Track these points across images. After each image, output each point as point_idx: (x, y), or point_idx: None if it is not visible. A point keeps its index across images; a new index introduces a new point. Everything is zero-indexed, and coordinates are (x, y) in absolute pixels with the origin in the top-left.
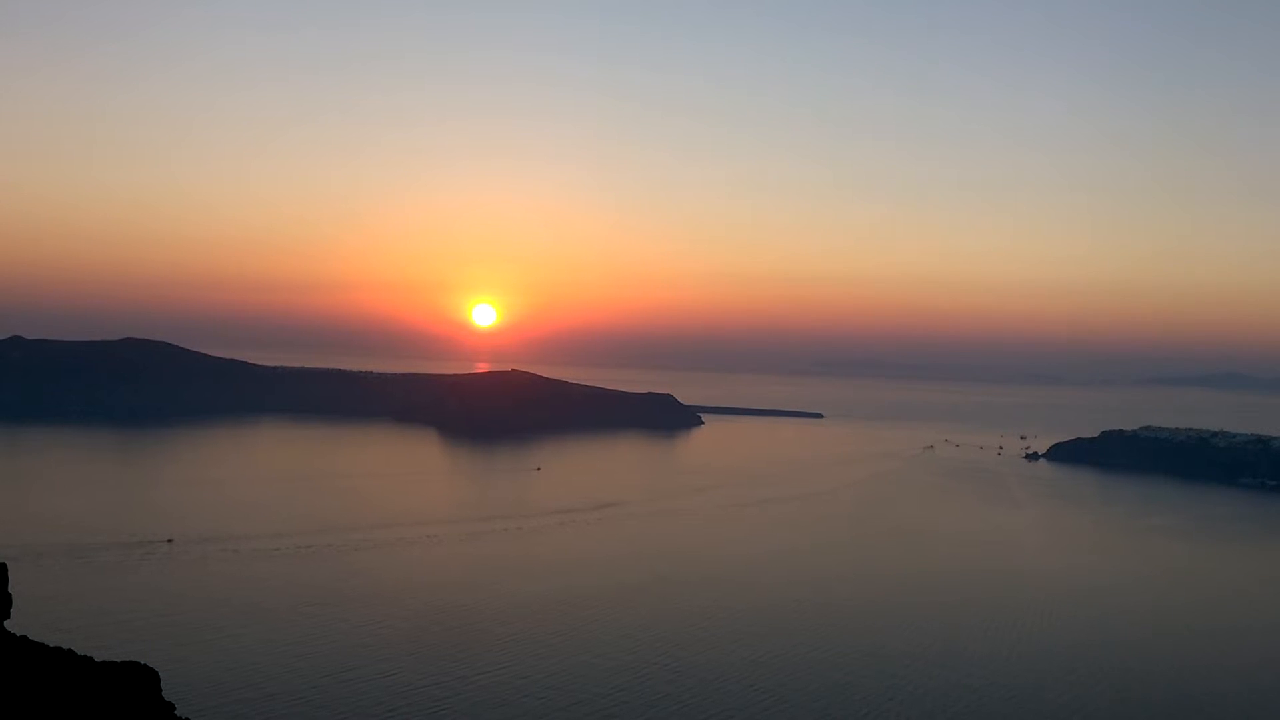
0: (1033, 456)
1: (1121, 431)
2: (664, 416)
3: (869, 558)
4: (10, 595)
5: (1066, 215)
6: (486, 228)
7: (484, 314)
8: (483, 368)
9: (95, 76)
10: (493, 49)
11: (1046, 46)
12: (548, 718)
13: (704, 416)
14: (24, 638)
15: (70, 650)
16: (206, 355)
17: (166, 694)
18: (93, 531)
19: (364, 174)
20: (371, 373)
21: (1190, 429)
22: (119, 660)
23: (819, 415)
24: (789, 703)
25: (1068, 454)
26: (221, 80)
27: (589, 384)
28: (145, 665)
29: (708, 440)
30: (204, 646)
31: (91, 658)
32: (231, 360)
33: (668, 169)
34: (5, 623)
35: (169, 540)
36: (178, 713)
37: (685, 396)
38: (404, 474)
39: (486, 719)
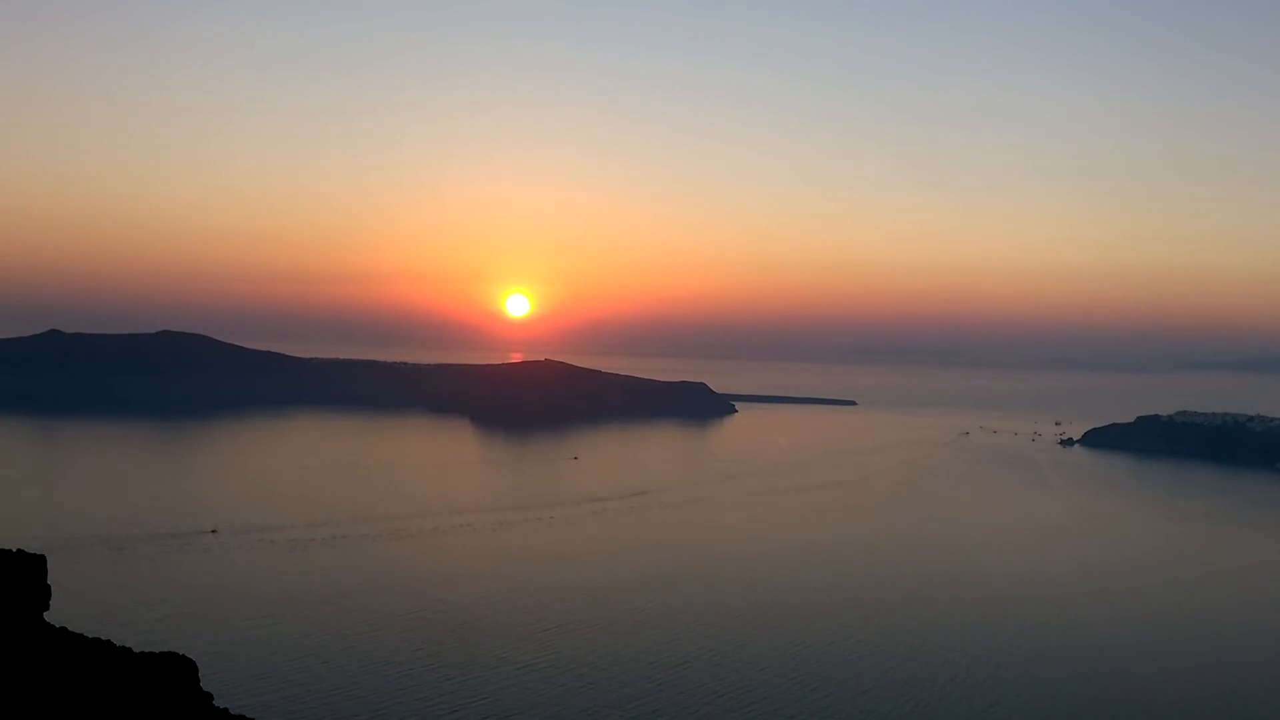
0: (1068, 442)
1: (1157, 417)
2: (698, 405)
3: (902, 546)
4: (49, 586)
5: (1107, 200)
6: (520, 218)
7: (518, 304)
8: (516, 358)
9: (134, 72)
10: (526, 39)
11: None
12: (587, 708)
13: (737, 405)
14: (63, 629)
15: (109, 641)
16: (243, 348)
17: (204, 684)
18: (132, 523)
19: (398, 166)
20: (406, 364)
21: (1227, 413)
22: (157, 651)
23: (852, 403)
24: (824, 693)
25: (1103, 440)
26: (258, 75)
27: (622, 373)
28: (183, 656)
29: (741, 428)
30: (243, 637)
31: (130, 648)
32: (268, 352)
33: (701, 157)
34: (45, 614)
35: (213, 531)
36: (216, 703)
37: (718, 385)
38: (439, 464)
39: (522, 709)
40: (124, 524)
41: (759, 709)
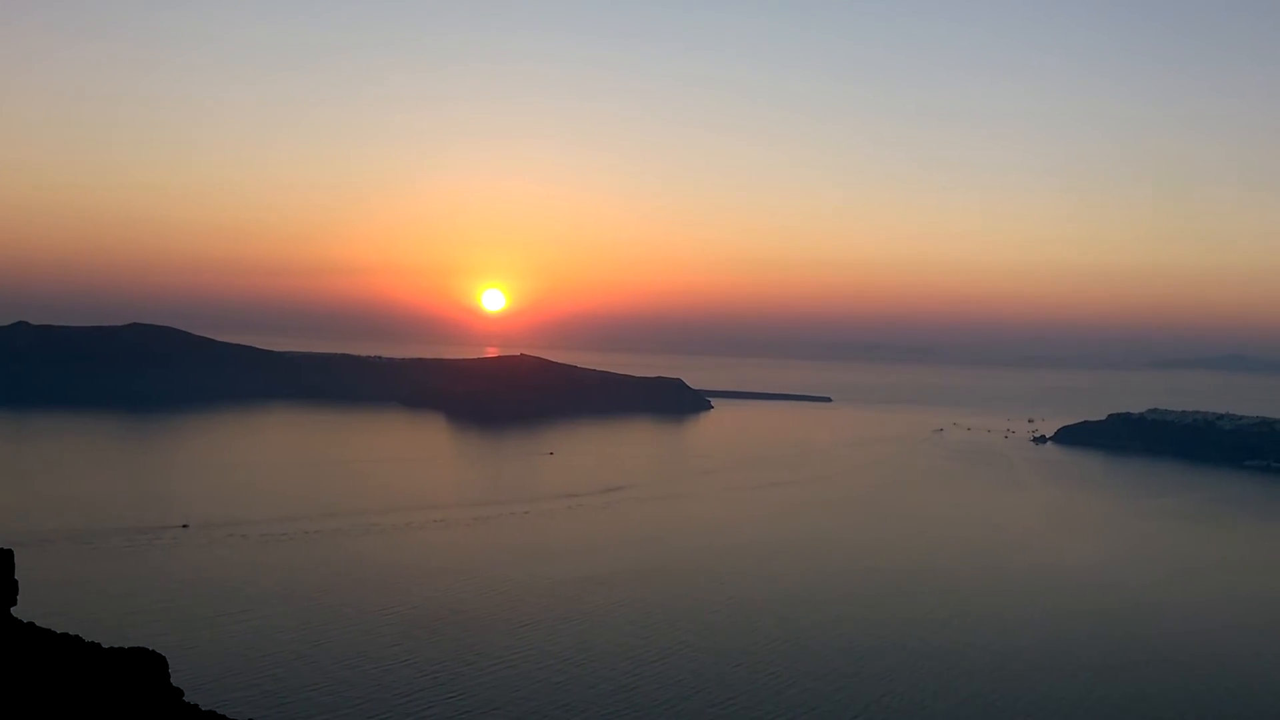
0: (1040, 440)
1: (1128, 414)
2: (673, 400)
3: (875, 542)
4: (16, 582)
5: (1077, 199)
6: (495, 212)
7: (493, 299)
8: (492, 352)
9: (105, 62)
10: (503, 31)
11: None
12: (562, 703)
13: (713, 400)
14: (30, 624)
15: (77, 636)
16: (215, 340)
17: (175, 680)
18: (101, 517)
19: (373, 158)
20: (380, 358)
21: (1197, 412)
22: (127, 646)
23: (828, 399)
24: (800, 688)
25: (1075, 437)
26: (232, 65)
27: (598, 368)
28: (153, 651)
29: (717, 424)
30: (214, 632)
31: (99, 644)
32: (240, 345)
33: (678, 154)
34: (11, 609)
35: (184, 525)
36: (186, 698)
37: (694, 380)
38: (413, 459)
39: (499, 704)
40: (93, 518)
41: (735, 704)
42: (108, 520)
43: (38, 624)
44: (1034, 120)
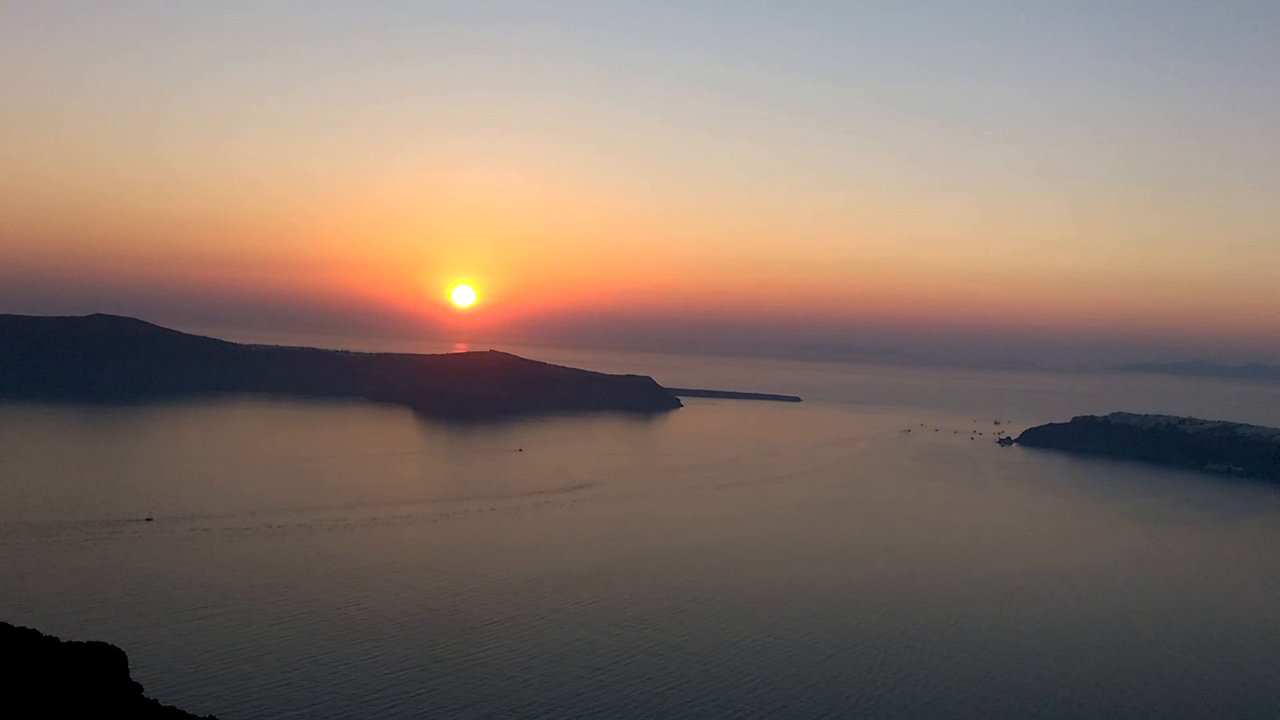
0: (1006, 441)
1: (1093, 417)
2: (643, 399)
3: (841, 543)
4: None
5: (1040, 204)
6: (466, 207)
7: (463, 295)
8: (461, 348)
9: (65, 47)
10: (475, 25)
11: (1030, 32)
12: (527, 700)
13: (683, 399)
14: None
15: (34, 630)
16: (179, 332)
17: (135, 675)
18: (63, 510)
19: (342, 150)
20: (348, 352)
21: (1160, 416)
22: (85, 641)
23: (796, 399)
24: (766, 684)
25: (1041, 439)
26: (197, 53)
27: (568, 365)
28: (112, 646)
29: (686, 423)
30: (176, 627)
31: (57, 638)
32: (205, 338)
33: (651, 152)
34: None
35: (148, 519)
36: (146, 694)
37: (664, 379)
38: (380, 455)
39: (465, 702)
40: (53, 511)
41: (699, 704)
42: (68, 513)
43: None
44: (1006, 123)
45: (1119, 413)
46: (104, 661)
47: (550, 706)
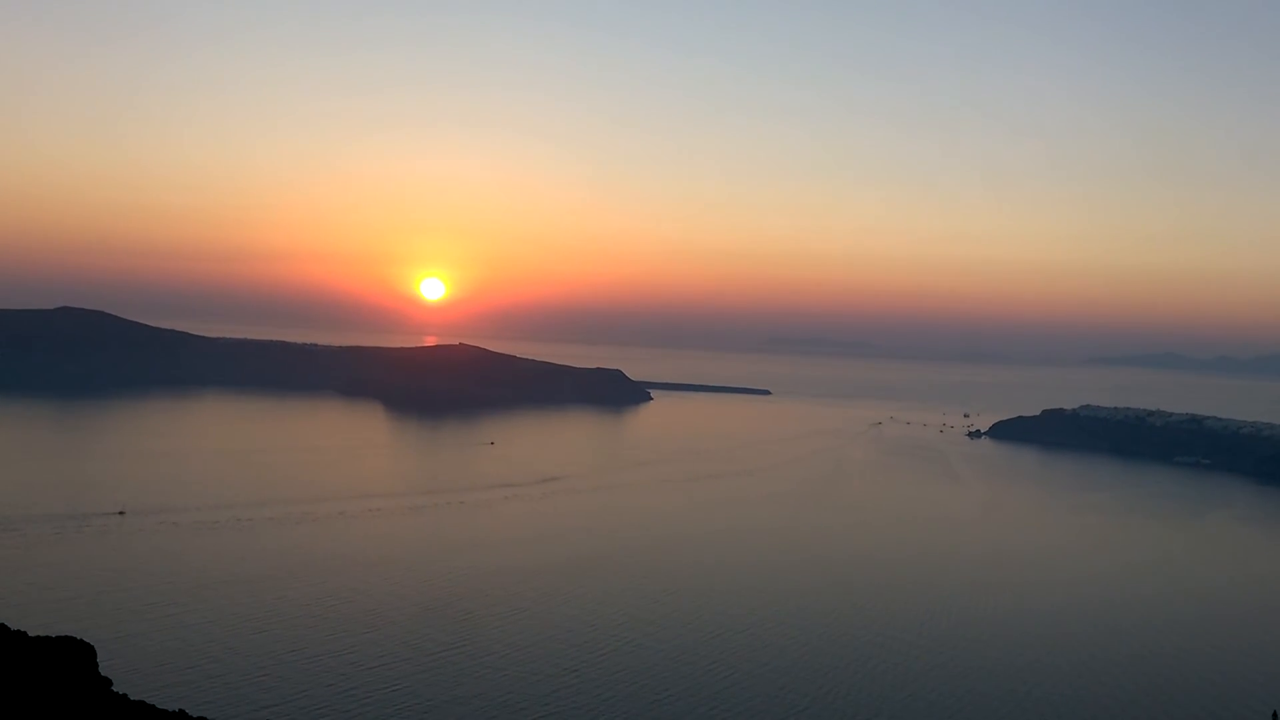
0: (976, 434)
1: (1062, 410)
2: (613, 392)
3: (812, 534)
4: None
5: (1011, 198)
6: (435, 200)
7: (432, 287)
8: (430, 341)
9: (21, 40)
10: (442, 15)
11: (1022, 26)
12: (498, 694)
13: (653, 392)
14: None
15: (2, 624)
16: (146, 325)
17: (104, 670)
18: (32, 504)
19: (309, 140)
20: (316, 345)
21: (1129, 408)
22: (54, 635)
23: (767, 392)
24: (741, 672)
25: (1010, 432)
26: (157, 41)
27: (538, 359)
28: (80, 640)
29: (656, 416)
30: (146, 622)
31: (24, 632)
32: (172, 331)
33: (622, 143)
34: None
35: (120, 512)
36: (115, 688)
37: (634, 372)
38: (349, 448)
39: (436, 696)
40: (21, 505)
41: (671, 695)
42: (36, 507)
43: None
44: (978, 119)
45: (1088, 405)
46: (73, 656)
47: (525, 699)
